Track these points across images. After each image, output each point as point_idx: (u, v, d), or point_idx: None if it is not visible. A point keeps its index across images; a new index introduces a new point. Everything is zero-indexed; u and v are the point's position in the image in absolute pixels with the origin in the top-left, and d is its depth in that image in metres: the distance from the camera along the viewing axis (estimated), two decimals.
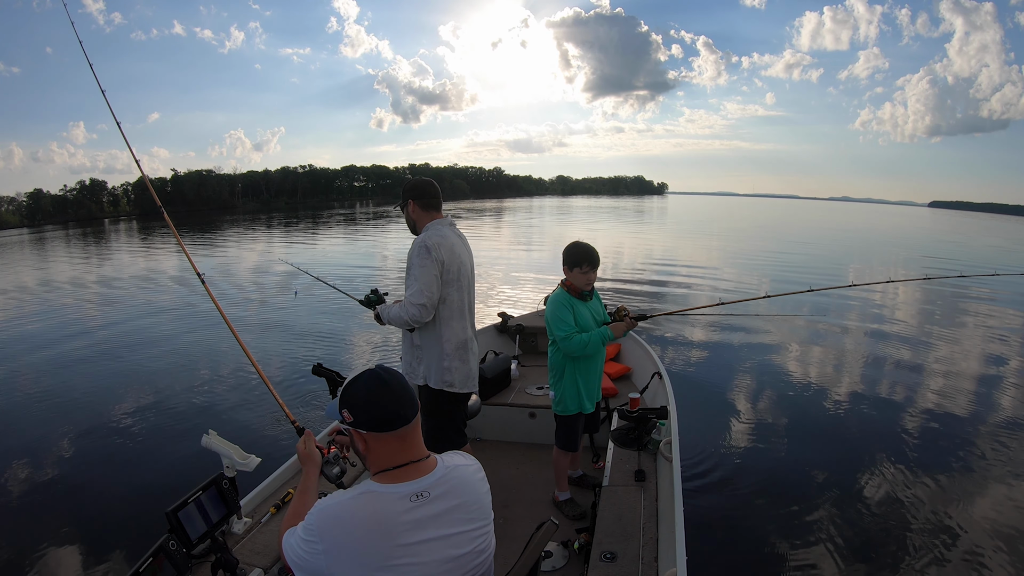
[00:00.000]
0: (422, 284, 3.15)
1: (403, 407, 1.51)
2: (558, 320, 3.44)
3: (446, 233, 3.30)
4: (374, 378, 1.53)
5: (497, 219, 55.28)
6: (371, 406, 1.50)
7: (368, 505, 1.45)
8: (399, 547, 1.41)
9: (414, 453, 1.54)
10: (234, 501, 2.64)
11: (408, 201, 3.37)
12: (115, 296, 16.27)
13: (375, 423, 1.50)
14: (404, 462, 1.51)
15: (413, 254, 3.25)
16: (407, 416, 1.51)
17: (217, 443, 2.68)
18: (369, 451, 1.54)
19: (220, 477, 2.60)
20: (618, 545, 2.73)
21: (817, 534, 4.49)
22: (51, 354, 9.96)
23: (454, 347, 3.31)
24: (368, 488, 1.49)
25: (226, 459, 2.67)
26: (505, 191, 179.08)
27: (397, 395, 1.51)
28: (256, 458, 2.72)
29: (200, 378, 8.33)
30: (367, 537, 1.41)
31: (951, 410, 7.17)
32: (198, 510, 2.41)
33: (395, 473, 1.50)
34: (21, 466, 5.73)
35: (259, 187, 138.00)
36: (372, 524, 1.42)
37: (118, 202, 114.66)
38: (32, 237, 54.17)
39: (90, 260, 28.63)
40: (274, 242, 34.74)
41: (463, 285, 3.34)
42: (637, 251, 26.58)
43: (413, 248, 3.27)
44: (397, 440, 1.51)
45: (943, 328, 11.92)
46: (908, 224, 71.67)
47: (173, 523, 2.34)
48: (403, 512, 1.45)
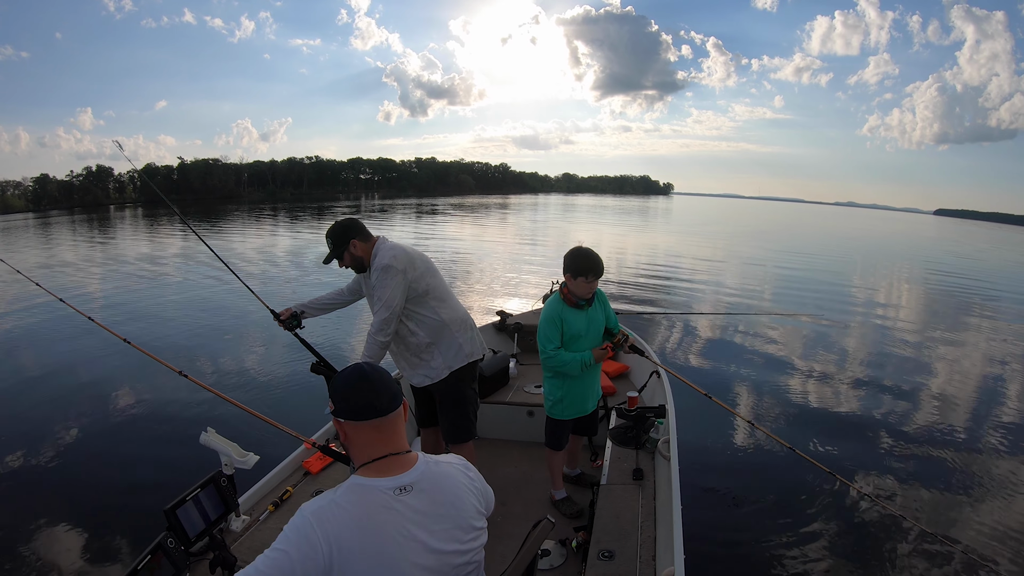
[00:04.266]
0: (387, 301, 3.18)
1: (379, 398, 1.53)
2: (542, 334, 3.45)
3: (390, 244, 3.33)
4: (356, 370, 1.58)
5: (501, 215, 55.24)
6: (348, 395, 1.54)
7: (358, 498, 1.46)
8: (385, 540, 1.43)
9: (393, 446, 1.55)
10: (232, 499, 2.65)
11: (350, 242, 3.30)
12: (116, 286, 16.29)
13: (350, 411, 1.54)
14: (383, 454, 1.53)
15: (374, 279, 3.26)
16: (382, 408, 1.53)
17: (216, 441, 2.69)
18: (349, 441, 1.57)
19: (218, 475, 2.61)
20: (616, 544, 2.74)
21: (814, 534, 4.50)
22: (48, 346, 9.98)
23: (459, 324, 3.45)
24: (354, 481, 1.51)
25: (224, 457, 2.68)
26: (511, 187, 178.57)
27: (375, 386, 1.54)
28: (254, 456, 2.74)
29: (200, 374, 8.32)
30: (362, 530, 1.42)
31: (952, 412, 7.20)
32: (196, 508, 2.41)
33: (376, 466, 1.52)
34: (18, 462, 5.72)
35: (265, 177, 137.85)
36: (363, 516, 1.44)
37: (124, 189, 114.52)
38: (37, 221, 54.23)
39: (94, 246, 28.64)
40: (279, 232, 34.77)
41: (434, 270, 3.44)
42: (640, 251, 26.53)
43: (373, 274, 3.28)
44: (374, 431, 1.54)
45: (948, 332, 11.91)
46: (913, 231, 71.48)
47: (171, 521, 2.34)
48: (387, 505, 1.46)
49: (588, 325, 3.52)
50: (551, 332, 3.43)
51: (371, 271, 3.29)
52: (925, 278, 22.23)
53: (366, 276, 3.38)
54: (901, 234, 61.18)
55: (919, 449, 6.06)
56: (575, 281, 3.41)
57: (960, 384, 8.41)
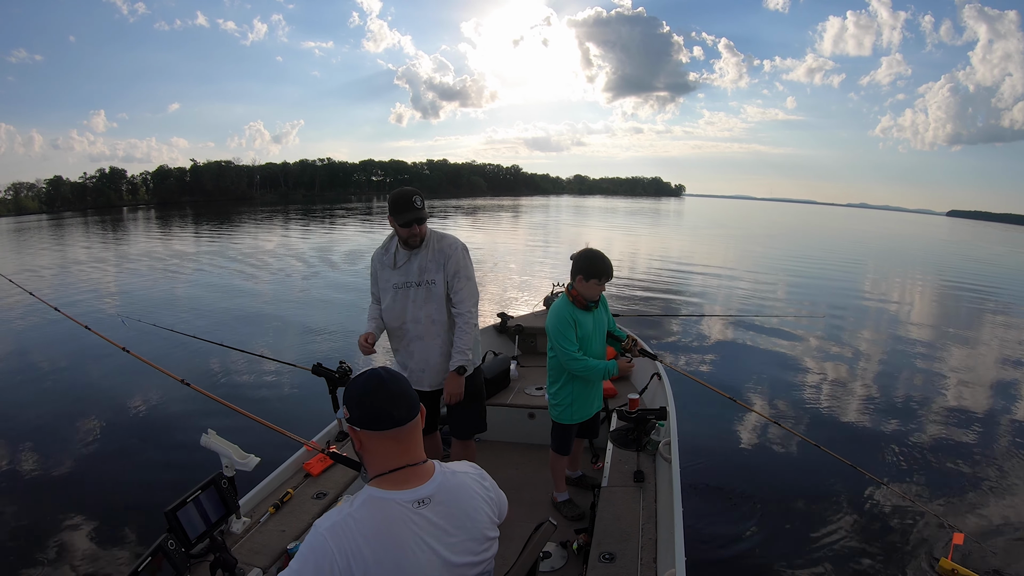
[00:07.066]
0: (473, 279, 3.35)
1: (396, 407, 1.50)
2: (562, 336, 3.40)
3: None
4: (373, 376, 1.53)
5: (512, 217, 55.13)
6: (364, 403, 1.50)
7: (376, 512, 1.44)
8: (403, 554, 1.41)
9: (410, 457, 1.52)
10: (233, 501, 2.66)
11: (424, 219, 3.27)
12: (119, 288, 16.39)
13: (367, 420, 1.50)
14: (400, 465, 1.50)
15: (459, 258, 3.32)
16: (400, 417, 1.50)
17: (216, 442, 2.71)
18: (364, 450, 1.54)
19: (219, 476, 2.62)
20: (617, 546, 2.73)
21: (816, 537, 4.49)
22: (51, 347, 10.03)
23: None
24: (370, 494, 1.48)
25: (225, 458, 2.70)
26: (522, 189, 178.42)
27: (393, 395, 1.50)
28: (255, 458, 2.75)
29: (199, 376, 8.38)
30: (381, 543, 1.40)
31: (954, 413, 7.16)
32: (197, 510, 2.43)
33: (393, 478, 1.49)
34: (20, 464, 5.78)
35: (277, 179, 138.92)
36: (381, 531, 1.41)
37: (137, 190, 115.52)
38: (51, 222, 54.71)
39: (108, 246, 28.91)
40: (291, 233, 34.91)
41: None
42: (651, 252, 26.47)
43: (456, 251, 3.33)
44: (391, 441, 1.50)
45: (956, 336, 11.79)
46: (926, 233, 70.83)
47: (172, 523, 2.36)
48: (406, 519, 1.44)
49: (595, 327, 3.53)
50: (569, 334, 3.40)
51: (428, 250, 3.29)
52: (939, 283, 22.00)
53: (412, 254, 3.30)
54: (913, 236, 60.54)
55: (922, 452, 6.02)
56: (587, 284, 3.39)
57: (965, 391, 8.29)
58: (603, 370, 3.42)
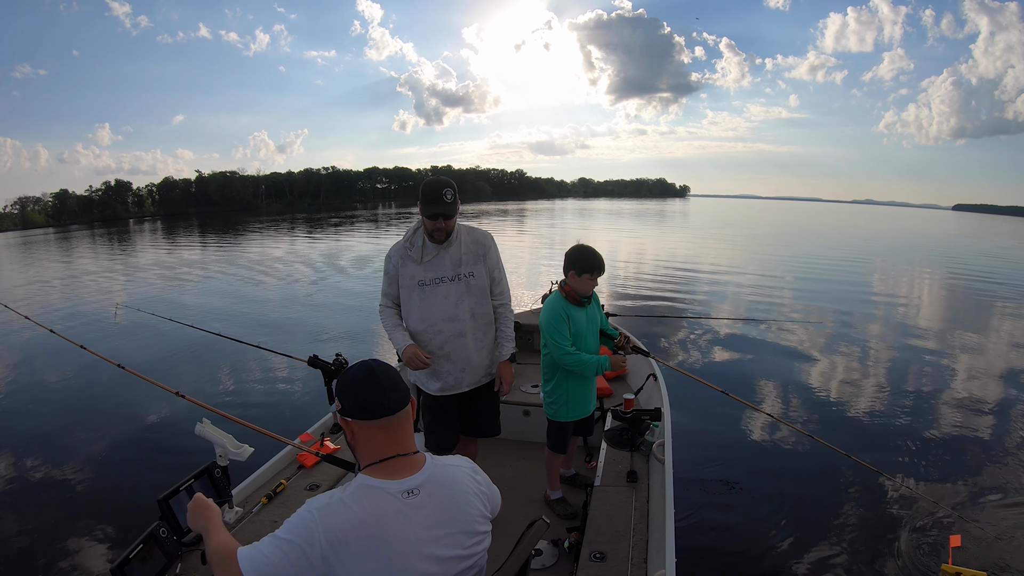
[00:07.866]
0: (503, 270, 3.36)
1: (386, 397, 1.52)
2: (555, 331, 3.40)
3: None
4: (363, 368, 1.56)
5: (517, 221, 55.24)
6: (355, 394, 1.53)
7: (365, 499, 1.45)
8: (390, 543, 1.42)
9: (401, 446, 1.54)
10: (226, 490, 2.68)
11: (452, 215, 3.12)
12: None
13: (357, 410, 1.52)
14: (390, 455, 1.52)
15: (496, 250, 3.34)
16: (389, 407, 1.52)
17: (211, 432, 2.72)
18: (356, 440, 1.56)
19: (213, 466, 2.65)
20: (608, 545, 2.73)
21: (809, 540, 4.44)
22: (44, 341, 9.97)
23: None
24: (361, 482, 1.49)
25: (219, 448, 2.70)
26: (527, 193, 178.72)
27: (382, 385, 1.52)
28: (249, 448, 2.76)
29: (195, 368, 8.42)
30: (367, 531, 1.41)
31: (954, 414, 7.04)
32: (190, 498, 2.43)
33: (383, 467, 1.51)
34: (11, 452, 5.86)
35: (282, 188, 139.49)
36: (369, 518, 1.43)
37: (143, 203, 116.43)
38: (58, 236, 55.12)
39: (115, 257, 29.11)
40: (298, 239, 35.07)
41: None
42: (657, 253, 26.48)
43: (494, 244, 3.34)
44: (381, 430, 1.52)
45: (958, 334, 11.72)
46: (933, 228, 70.42)
47: (164, 510, 2.38)
48: (394, 508, 1.45)
49: (588, 323, 3.53)
50: (563, 328, 3.40)
51: (458, 243, 3.17)
52: (949, 278, 21.87)
53: (441, 248, 3.13)
54: (921, 232, 60.11)
55: (921, 453, 5.93)
56: (579, 278, 3.40)
57: (967, 394, 8.13)
58: (595, 365, 3.42)
